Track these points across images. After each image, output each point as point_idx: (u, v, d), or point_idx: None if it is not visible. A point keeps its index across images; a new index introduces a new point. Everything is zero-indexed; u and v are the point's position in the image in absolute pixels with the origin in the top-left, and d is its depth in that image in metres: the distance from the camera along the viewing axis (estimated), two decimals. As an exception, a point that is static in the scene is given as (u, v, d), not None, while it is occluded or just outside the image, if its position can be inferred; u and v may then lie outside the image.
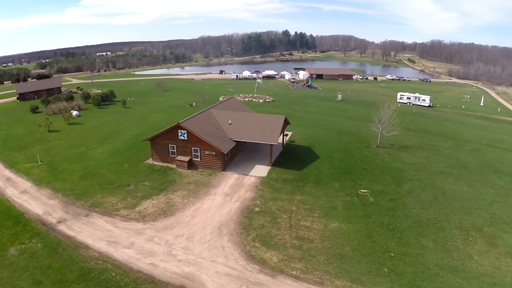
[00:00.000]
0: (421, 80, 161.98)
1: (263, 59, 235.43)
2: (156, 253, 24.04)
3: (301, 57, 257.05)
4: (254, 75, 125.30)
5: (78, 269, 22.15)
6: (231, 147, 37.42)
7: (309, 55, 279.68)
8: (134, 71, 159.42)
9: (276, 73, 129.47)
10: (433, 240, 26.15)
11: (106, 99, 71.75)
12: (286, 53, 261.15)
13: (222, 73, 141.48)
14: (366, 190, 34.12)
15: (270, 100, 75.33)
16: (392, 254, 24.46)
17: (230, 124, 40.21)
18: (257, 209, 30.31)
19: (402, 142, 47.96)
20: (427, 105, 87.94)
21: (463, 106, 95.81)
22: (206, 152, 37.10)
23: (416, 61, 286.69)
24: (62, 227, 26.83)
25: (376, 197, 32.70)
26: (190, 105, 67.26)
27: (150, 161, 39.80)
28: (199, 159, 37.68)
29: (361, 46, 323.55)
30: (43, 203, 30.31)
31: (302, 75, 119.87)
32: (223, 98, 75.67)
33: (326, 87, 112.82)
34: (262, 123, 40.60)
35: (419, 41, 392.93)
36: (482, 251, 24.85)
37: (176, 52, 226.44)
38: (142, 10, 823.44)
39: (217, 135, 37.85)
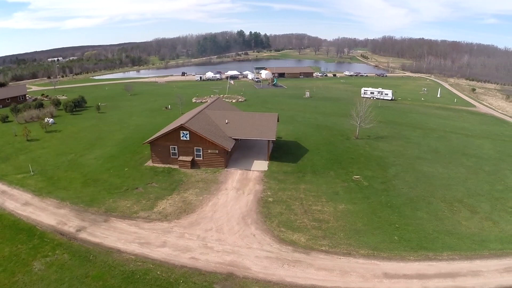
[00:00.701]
0: (377, 75, 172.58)
1: (220, 59, 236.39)
2: (193, 248, 25.11)
3: (256, 56, 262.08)
4: (218, 75, 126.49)
5: (119, 273, 22.36)
6: (233, 144, 39.07)
7: (265, 54, 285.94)
8: (93, 76, 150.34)
9: (239, 73, 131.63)
10: (426, 212, 30.73)
11: (78, 105, 68.38)
12: (242, 53, 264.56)
13: (184, 75, 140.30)
14: (358, 176, 38.13)
15: (242, 100, 77.41)
16: (397, 225, 28.39)
17: (227, 123, 41.73)
18: (270, 199, 32.54)
19: (377, 133, 53.41)
20: (390, 98, 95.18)
21: (422, 98, 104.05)
22: (209, 151, 38.28)
23: (369, 57, 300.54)
24: (84, 235, 26.42)
25: (369, 181, 36.83)
26: (166, 107, 66.81)
27: (149, 163, 39.76)
28: (201, 158, 38.70)
29: (315, 44, 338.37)
30: (53, 213, 29.24)
31: (265, 74, 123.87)
32: (195, 99, 76.07)
33: (290, 85, 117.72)
34: (257, 121, 42.83)
35: (370, 37, 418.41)
36: (467, 217, 29.91)
37: (132, 55, 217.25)
38: (91, 13, 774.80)
39: (218, 134, 39.19)
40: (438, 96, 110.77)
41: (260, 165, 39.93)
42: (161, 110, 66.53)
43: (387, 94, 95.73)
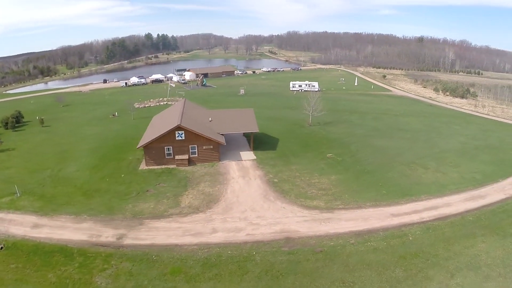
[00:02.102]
0: (293, 69, 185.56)
1: (132, 64, 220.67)
2: (242, 227, 28.12)
3: (167, 59, 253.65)
4: (143, 80, 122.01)
5: (194, 262, 23.81)
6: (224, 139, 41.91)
7: (175, 56, 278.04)
8: (6, 91, 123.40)
9: (163, 76, 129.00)
10: (394, 173, 39.64)
11: (17, 121, 58.76)
12: (152, 56, 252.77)
13: (106, 82, 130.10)
14: (331, 154, 45.67)
15: None
16: (380, 184, 36.52)
17: (210, 121, 44.06)
18: (275, 180, 37.14)
19: (324, 120, 62.30)
20: (317, 90, 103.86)
21: (343, 87, 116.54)
22: (204, 147, 40.32)
23: (277, 52, 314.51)
24: (129, 241, 26.26)
25: (342, 157, 44.56)
26: (113, 115, 63.17)
27: (144, 167, 39.37)
28: (196, 155, 40.38)
29: (222, 42, 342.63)
30: (77, 229, 27.59)
31: (189, 75, 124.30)
32: (136, 105, 73.43)
33: (218, 84, 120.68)
34: (237, 116, 46.40)
35: (275, 33, 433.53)
36: (423, 172, 39.82)
37: (40, 65, 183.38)
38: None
39: (209, 131, 41.41)
40: (356, 84, 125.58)
41: (248, 155, 43.87)
42: (108, 118, 62.66)
43: (314, 86, 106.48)
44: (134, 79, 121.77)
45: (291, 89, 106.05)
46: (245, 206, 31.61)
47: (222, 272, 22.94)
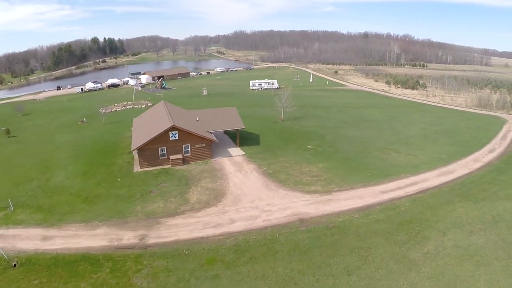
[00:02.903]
0: (245, 68, 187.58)
1: (80, 70, 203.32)
2: (257, 215, 30.12)
3: (116, 63, 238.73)
4: (99, 85, 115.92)
5: (226, 250, 25.25)
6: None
7: (123, 60, 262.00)
8: None
9: (120, 80, 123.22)
10: (372, 158, 44.52)
11: None
12: (99, 61, 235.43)
13: (60, 89, 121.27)
14: (311, 146, 49.39)
15: (150, 104, 76.42)
16: (363, 168, 40.97)
17: (197, 120, 44.81)
18: (270, 171, 39.58)
19: (294, 115, 66.05)
20: (276, 87, 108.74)
21: (301, 84, 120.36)
22: (197, 146, 41.12)
23: (225, 52, 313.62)
24: (153, 240, 26.53)
25: (322, 147, 48.50)
26: (82, 121, 59.75)
27: (138, 169, 38.88)
28: (189, 154, 41.00)
29: (169, 44, 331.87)
30: (93, 235, 26.97)
31: (145, 78, 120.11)
32: (102, 110, 70.08)
33: (176, 86, 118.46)
34: (221, 115, 47.71)
35: (221, 33, 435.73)
36: (396, 156, 45.27)
37: None
38: None
39: (200, 130, 42.19)
40: (311, 81, 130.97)
41: (236, 151, 45.59)
42: (77, 124, 59.11)
43: (273, 84, 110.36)
44: (90, 85, 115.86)
45: (251, 87, 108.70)
46: (252, 196, 33.57)
47: (255, 255, 24.81)
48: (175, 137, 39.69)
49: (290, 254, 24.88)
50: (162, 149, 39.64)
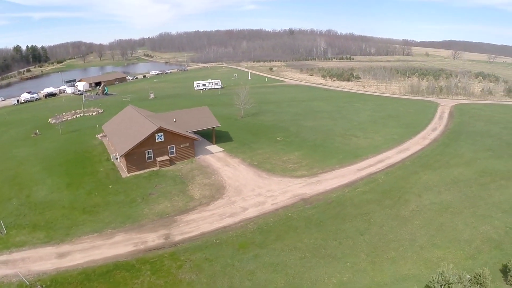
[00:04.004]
0: (179, 70, 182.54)
1: (5, 81, 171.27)
2: (263, 201, 32.78)
3: (42, 71, 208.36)
4: (35, 95, 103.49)
5: (251, 234, 27.43)
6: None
7: (49, 68, 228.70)
8: None
9: (56, 89, 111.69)
10: (337, 143, 50.15)
11: None
12: (24, 70, 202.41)
13: None
14: (280, 137, 53.27)
15: (101, 111, 71.49)
16: (333, 152, 46.31)
17: (175, 121, 44.89)
18: (255, 163, 42.31)
19: (250, 112, 68.92)
20: (220, 87, 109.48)
21: (241, 82, 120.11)
22: (181, 146, 41.51)
23: (153, 55, 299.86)
24: (179, 237, 27.16)
25: (290, 138, 52.66)
26: (35, 133, 53.73)
27: (126, 174, 37.71)
28: (175, 154, 41.18)
29: (95, 49, 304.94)
30: (114, 243, 26.33)
31: (82, 85, 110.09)
32: (52, 120, 63.62)
33: (117, 91, 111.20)
34: (196, 114, 48.40)
35: (146, 36, 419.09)
36: (356, 140, 51.74)
37: None
38: None
39: (182, 130, 42.52)
40: (249, 79, 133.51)
41: (214, 148, 47.07)
42: (30, 137, 52.89)
43: (217, 84, 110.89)
44: (26, 95, 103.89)
45: (195, 88, 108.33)
46: (250, 186, 35.96)
47: (279, 233, 27.56)
48: (161, 138, 39.64)
49: (308, 227, 28.30)
50: (148, 151, 39.21)
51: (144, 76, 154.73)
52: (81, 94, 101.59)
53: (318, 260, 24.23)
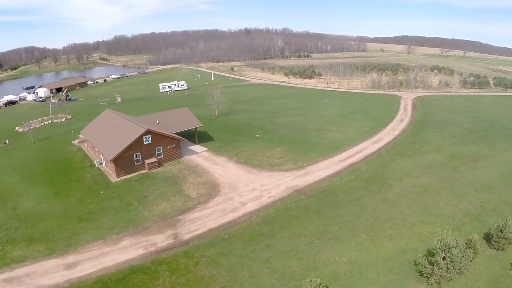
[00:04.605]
0: (139, 73, 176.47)
1: None
2: (259, 195, 34.11)
3: None
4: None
5: (257, 225, 28.79)
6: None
7: (2, 75, 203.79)
8: None
9: (16, 97, 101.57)
10: (314, 137, 52.78)
11: None
12: None
13: None
14: (259, 135, 54.74)
15: (70, 117, 67.28)
16: (313, 146, 48.84)
17: (158, 123, 44.31)
18: (242, 160, 43.42)
19: (224, 112, 69.39)
20: (186, 88, 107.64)
21: (206, 83, 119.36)
22: (168, 147, 41.27)
23: (109, 59, 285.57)
24: (187, 236, 27.60)
25: (268, 135, 54.35)
26: (5, 143, 49.25)
27: (115, 179, 36.68)
28: (162, 156, 40.84)
29: (49, 54, 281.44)
30: (123, 249, 25.97)
31: (43, 92, 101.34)
32: (20, 128, 58.76)
33: (81, 97, 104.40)
34: (178, 116, 48.18)
35: (100, 39, 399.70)
36: (332, 134, 54.72)
37: None
38: None
39: (168, 132, 42.21)
40: (213, 79, 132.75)
41: (198, 148, 47.32)
42: (0, 147, 48.46)
43: (183, 85, 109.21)
44: None
45: (161, 90, 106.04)
46: (243, 182, 37.06)
47: (283, 223, 29.10)
48: (148, 141, 39.15)
49: (308, 215, 30.18)
50: (136, 154, 38.54)
51: (105, 80, 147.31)
52: (43, 101, 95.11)
53: (325, 243, 26.19)
